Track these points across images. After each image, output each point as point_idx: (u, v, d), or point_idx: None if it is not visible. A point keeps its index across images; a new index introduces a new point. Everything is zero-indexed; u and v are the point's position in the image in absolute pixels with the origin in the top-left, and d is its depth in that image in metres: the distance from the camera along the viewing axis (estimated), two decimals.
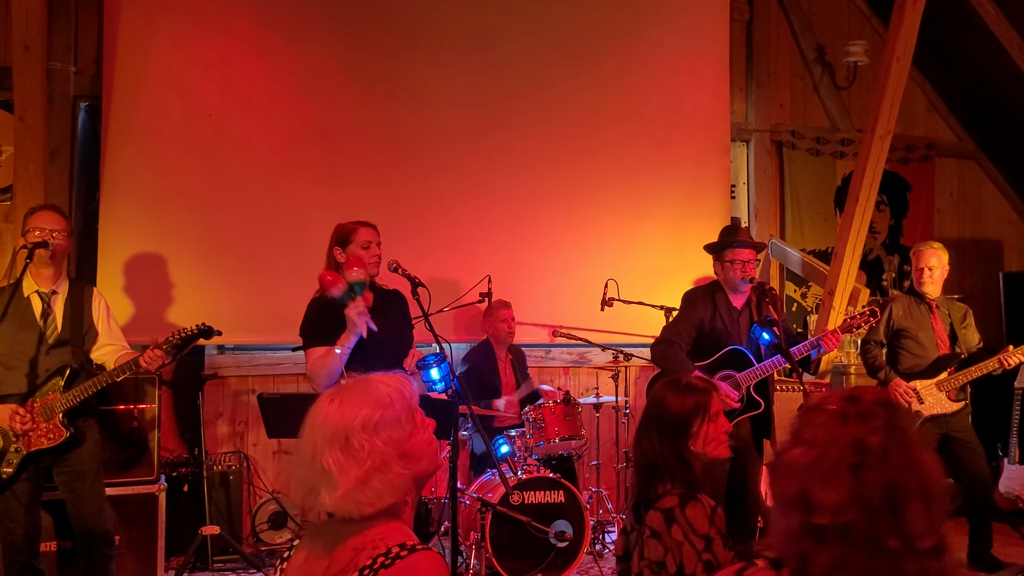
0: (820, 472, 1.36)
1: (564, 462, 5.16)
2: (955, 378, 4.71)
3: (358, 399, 1.57)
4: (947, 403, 4.73)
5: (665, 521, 2.37)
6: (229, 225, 5.38)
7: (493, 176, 5.90)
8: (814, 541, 1.34)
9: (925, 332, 4.81)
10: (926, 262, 4.81)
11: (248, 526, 5.29)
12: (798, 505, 1.36)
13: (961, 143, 7.49)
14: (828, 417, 1.40)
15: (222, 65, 5.38)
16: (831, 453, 1.36)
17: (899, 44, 5.48)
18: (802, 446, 1.39)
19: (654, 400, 2.58)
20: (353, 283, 3.42)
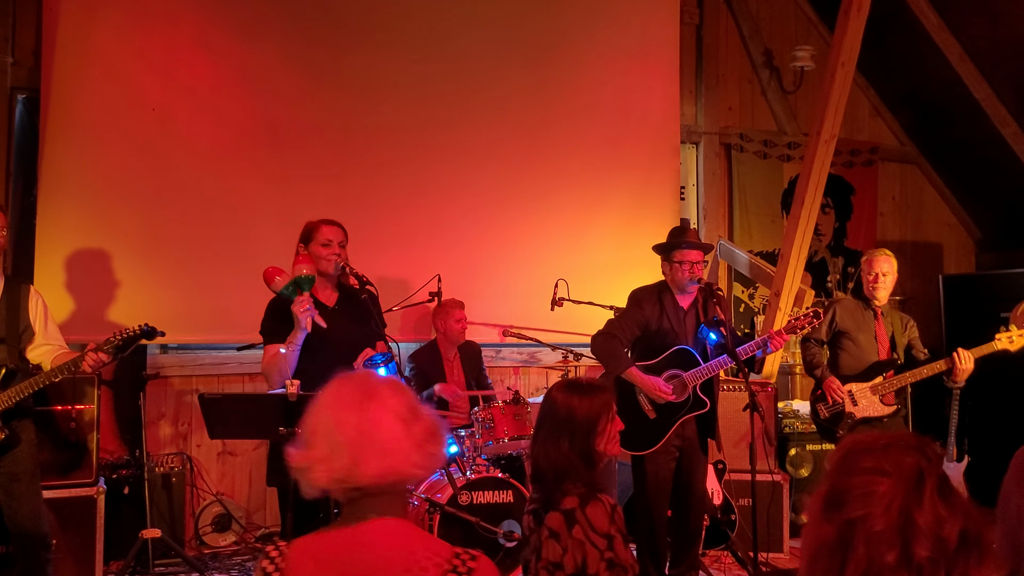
0: (920, 500, 1.34)
1: (513, 462, 5.15)
2: (890, 383, 4.75)
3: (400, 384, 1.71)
4: (880, 407, 4.76)
5: (565, 522, 2.37)
6: (173, 221, 5.27)
7: (443, 175, 5.87)
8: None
9: (866, 336, 4.84)
10: (880, 268, 4.83)
11: (191, 529, 5.18)
12: (898, 534, 1.33)
13: (903, 148, 7.66)
14: (901, 448, 1.38)
15: (166, 58, 5.27)
16: (927, 481, 1.35)
17: (844, 50, 5.58)
18: (889, 477, 1.36)
19: (559, 405, 2.55)
20: (299, 278, 3.39)
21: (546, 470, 2.49)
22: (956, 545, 1.30)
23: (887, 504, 1.32)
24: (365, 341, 3.63)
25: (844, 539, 1.34)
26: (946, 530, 1.30)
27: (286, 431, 3.07)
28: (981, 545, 1.33)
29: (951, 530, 1.30)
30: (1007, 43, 6.35)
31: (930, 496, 1.32)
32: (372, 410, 1.61)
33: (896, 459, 1.35)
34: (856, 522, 1.33)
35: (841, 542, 1.34)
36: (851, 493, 1.35)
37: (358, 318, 3.63)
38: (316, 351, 3.41)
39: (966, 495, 4.75)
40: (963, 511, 1.34)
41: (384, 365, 3.51)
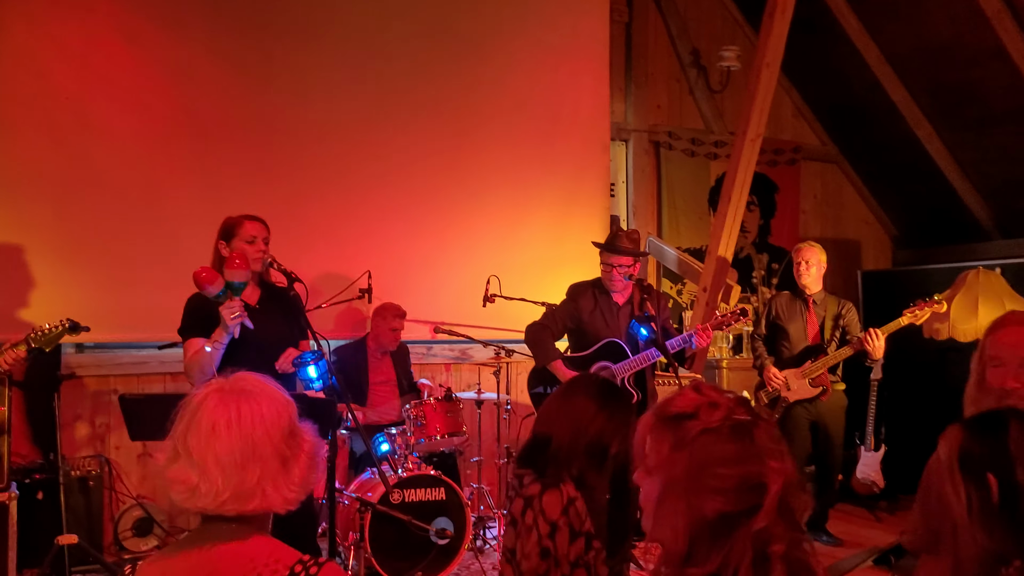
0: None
1: (446, 459, 5.13)
2: (816, 366, 5.14)
3: (281, 395, 1.59)
4: (808, 389, 5.17)
5: (524, 507, 2.36)
6: (90, 215, 5.07)
7: (374, 170, 5.79)
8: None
9: (796, 325, 5.27)
10: (804, 257, 5.28)
11: (110, 534, 5.00)
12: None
13: (825, 147, 7.87)
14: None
15: (82, 47, 5.07)
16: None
17: (769, 51, 5.69)
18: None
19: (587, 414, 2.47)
20: (231, 282, 3.29)
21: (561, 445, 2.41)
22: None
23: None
24: (290, 339, 3.55)
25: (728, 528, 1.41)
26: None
27: None
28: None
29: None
30: (924, 48, 6.58)
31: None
32: (253, 437, 1.50)
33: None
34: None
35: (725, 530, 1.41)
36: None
37: (282, 316, 3.55)
38: (239, 349, 3.32)
39: (882, 484, 4.85)
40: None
41: (314, 363, 3.45)
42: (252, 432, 1.50)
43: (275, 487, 1.51)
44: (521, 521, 2.34)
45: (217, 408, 1.52)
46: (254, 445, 1.50)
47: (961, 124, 6.88)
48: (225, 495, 1.48)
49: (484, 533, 5.16)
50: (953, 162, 7.16)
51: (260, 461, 1.50)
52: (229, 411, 1.51)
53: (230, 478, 1.48)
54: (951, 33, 6.30)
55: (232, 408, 1.51)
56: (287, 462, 1.53)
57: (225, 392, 1.55)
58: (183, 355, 3.43)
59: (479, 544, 4.98)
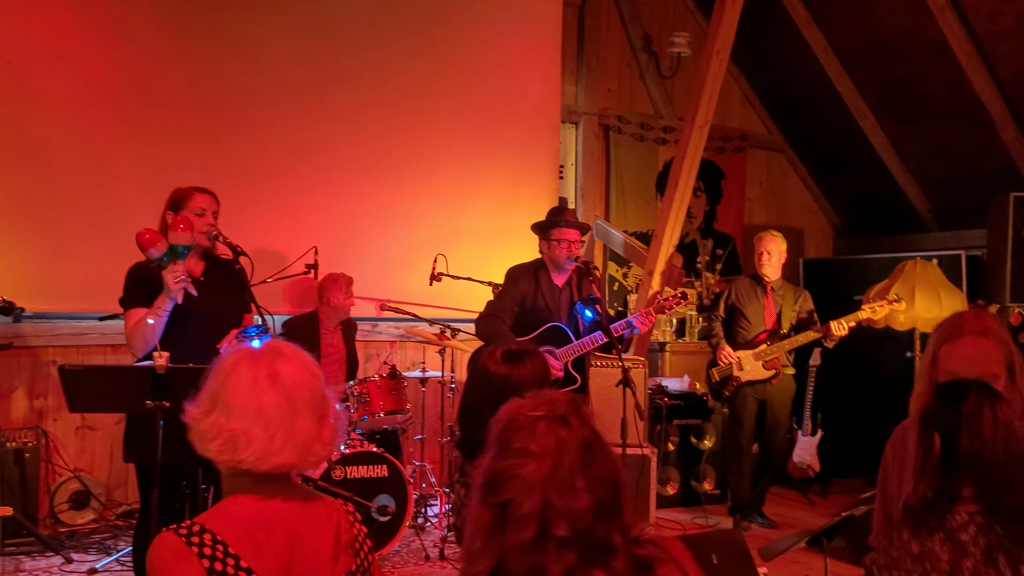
0: (560, 480, 1.36)
1: (388, 436, 5.14)
2: (771, 349, 5.34)
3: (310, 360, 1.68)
4: (761, 371, 5.37)
5: None
6: (29, 182, 4.95)
7: (322, 144, 5.74)
8: (552, 550, 1.34)
9: (754, 308, 5.45)
10: (766, 247, 5.45)
11: (46, 506, 4.94)
12: (537, 519, 1.35)
13: (771, 136, 8.00)
14: (548, 424, 1.40)
15: (22, 7, 4.93)
16: (566, 459, 1.37)
17: (719, 39, 5.76)
18: (533, 458, 1.38)
19: (499, 377, 2.44)
20: (175, 245, 3.24)
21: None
22: (593, 515, 1.36)
23: (529, 486, 1.36)
24: (234, 313, 3.52)
25: (498, 521, 1.38)
26: (580, 503, 1.35)
27: (154, 404, 2.95)
28: (619, 510, 1.39)
29: (583, 504, 1.35)
30: (870, 40, 6.72)
31: (568, 474, 1.36)
32: (295, 392, 1.60)
33: (542, 435, 1.39)
34: (507, 505, 1.37)
35: (496, 524, 1.38)
36: (504, 475, 1.39)
37: (227, 288, 3.52)
38: (182, 322, 3.28)
39: (818, 468, 4.99)
40: (603, 480, 1.38)
41: (259, 337, 3.42)
42: (296, 389, 1.60)
43: (319, 442, 1.62)
44: None
45: (255, 366, 1.60)
46: (297, 401, 1.59)
47: (904, 117, 7.05)
48: (264, 446, 1.55)
49: (425, 511, 5.20)
50: (895, 154, 7.33)
51: (304, 415, 1.59)
52: (269, 367, 1.60)
53: (276, 430, 1.56)
54: (897, 27, 6.44)
55: (270, 366, 1.60)
56: (322, 420, 1.63)
57: (259, 354, 1.63)
58: (124, 325, 3.38)
59: (420, 522, 5.01)
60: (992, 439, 1.79)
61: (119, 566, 4.29)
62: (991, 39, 6.14)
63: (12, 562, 4.33)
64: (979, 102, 6.42)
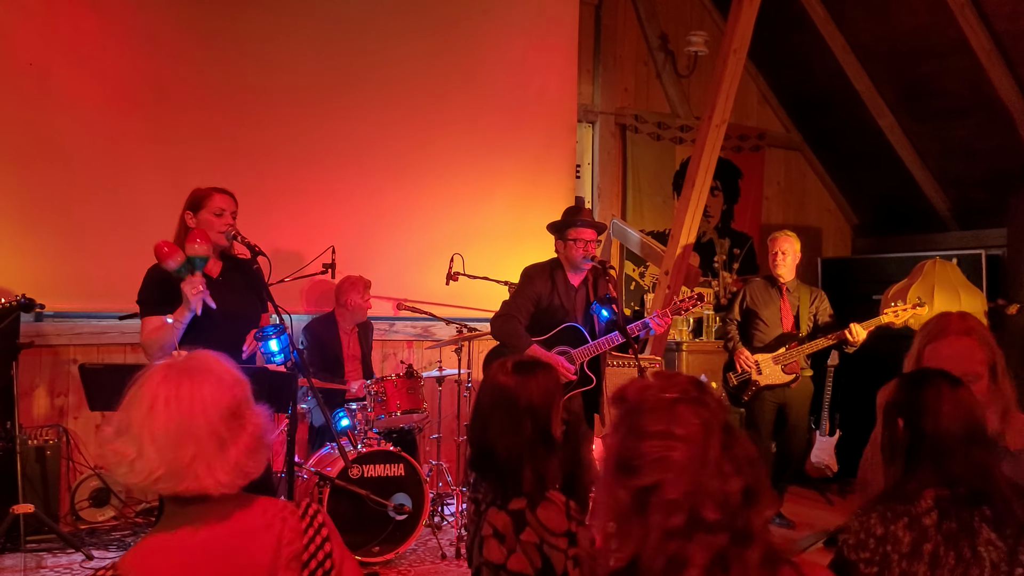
0: (710, 463, 1.34)
1: (405, 435, 5.16)
2: (791, 353, 5.23)
3: (230, 374, 1.59)
4: (781, 375, 5.26)
5: (513, 524, 2.21)
6: (52, 183, 5.01)
7: (339, 145, 5.78)
8: (701, 535, 1.32)
9: (771, 311, 5.34)
10: (780, 247, 5.34)
11: (67, 504, 4.99)
12: (687, 504, 1.33)
13: (789, 135, 7.96)
14: (688, 406, 1.38)
15: (46, 13, 4.98)
16: (713, 441, 1.35)
17: (736, 37, 5.74)
18: (680, 442, 1.35)
19: (511, 389, 2.35)
20: (192, 257, 3.27)
21: (505, 458, 2.29)
22: (740, 500, 1.35)
23: (678, 472, 1.34)
24: (251, 312, 3.55)
25: (640, 505, 1.35)
26: (729, 487, 1.35)
27: None
28: (760, 493, 1.38)
29: (735, 487, 1.35)
30: (888, 38, 6.67)
31: (716, 455, 1.35)
32: (188, 416, 1.49)
33: (684, 418, 1.37)
34: (652, 489, 1.35)
35: (637, 508, 1.36)
36: (644, 459, 1.36)
37: (244, 288, 3.54)
38: (202, 322, 3.30)
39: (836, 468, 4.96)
40: (745, 462, 1.38)
41: (276, 337, 3.45)
42: (189, 411, 1.49)
43: (208, 468, 1.49)
44: (515, 538, 2.20)
45: (159, 385, 1.51)
46: (189, 424, 1.48)
47: (923, 115, 7.00)
48: (159, 472, 1.47)
49: (442, 509, 5.22)
50: (914, 153, 7.28)
51: (194, 441, 1.48)
52: (169, 389, 1.51)
53: (164, 455, 1.47)
54: (916, 25, 6.40)
55: (172, 386, 1.51)
56: (224, 444, 1.51)
57: (171, 370, 1.54)
58: (140, 331, 3.41)
59: (437, 520, 5.03)
60: (950, 423, 1.89)
61: None
62: (1011, 37, 6.09)
63: (34, 559, 4.37)
64: (999, 100, 6.36)
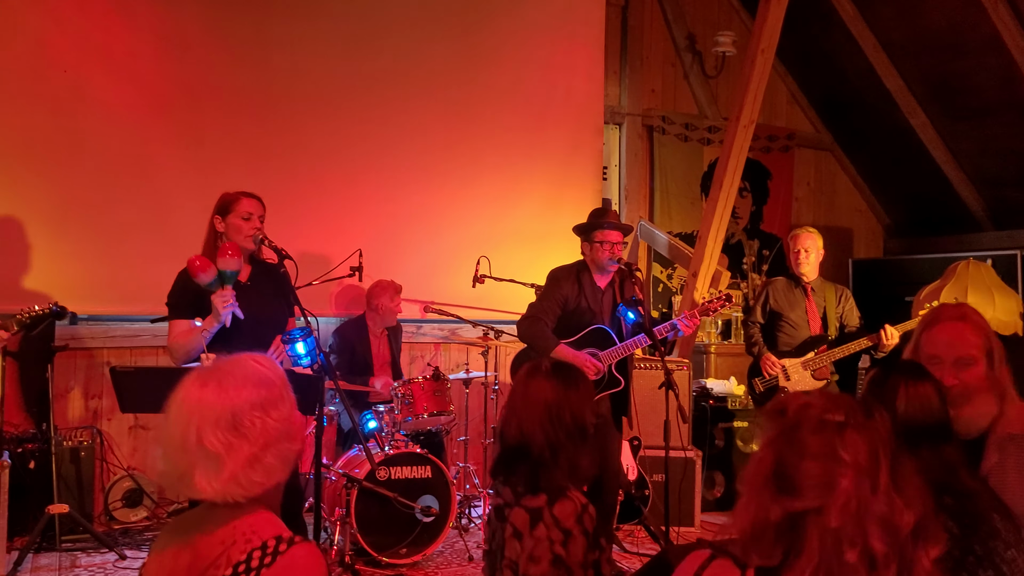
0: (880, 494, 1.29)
1: (432, 437, 5.18)
2: (821, 358, 4.95)
3: (239, 379, 1.53)
4: (811, 381, 4.96)
5: (530, 520, 2.27)
6: (85, 187, 5.10)
7: (365, 148, 5.81)
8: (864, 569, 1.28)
9: (797, 313, 5.04)
10: (802, 244, 5.04)
11: (101, 504, 5.07)
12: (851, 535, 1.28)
13: (819, 135, 7.89)
14: (857, 433, 1.33)
15: (78, 17, 5.07)
16: (883, 470, 1.30)
17: (764, 37, 5.70)
18: (848, 468, 1.30)
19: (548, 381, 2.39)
20: (223, 271, 3.32)
21: (543, 449, 2.32)
22: (908, 534, 1.29)
23: (845, 500, 1.27)
24: (279, 316, 3.58)
25: (794, 526, 1.30)
26: (900, 520, 1.29)
27: None
28: (930, 529, 1.32)
29: (905, 520, 1.29)
30: (919, 36, 6.59)
31: (886, 485, 1.29)
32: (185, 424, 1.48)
33: (853, 444, 1.30)
34: (810, 513, 1.29)
35: (790, 528, 1.30)
36: (806, 480, 1.30)
37: (272, 292, 3.58)
38: (233, 328, 3.35)
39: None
40: (916, 496, 1.31)
41: (303, 339, 3.48)
42: (187, 419, 1.49)
43: (205, 478, 1.47)
44: (529, 534, 2.25)
45: (179, 391, 1.53)
46: (183, 436, 1.48)
47: (956, 114, 6.90)
48: (172, 478, 1.50)
49: (469, 512, 5.22)
50: (947, 152, 7.18)
51: (187, 451, 1.48)
52: (180, 395, 1.52)
53: (167, 463, 1.50)
54: (947, 22, 6.31)
55: (183, 392, 1.52)
56: (218, 457, 1.47)
57: (193, 375, 1.55)
58: (168, 334, 3.45)
59: (464, 522, 5.04)
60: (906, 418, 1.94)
61: None
62: None
63: (68, 558, 4.45)
64: None
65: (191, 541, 1.52)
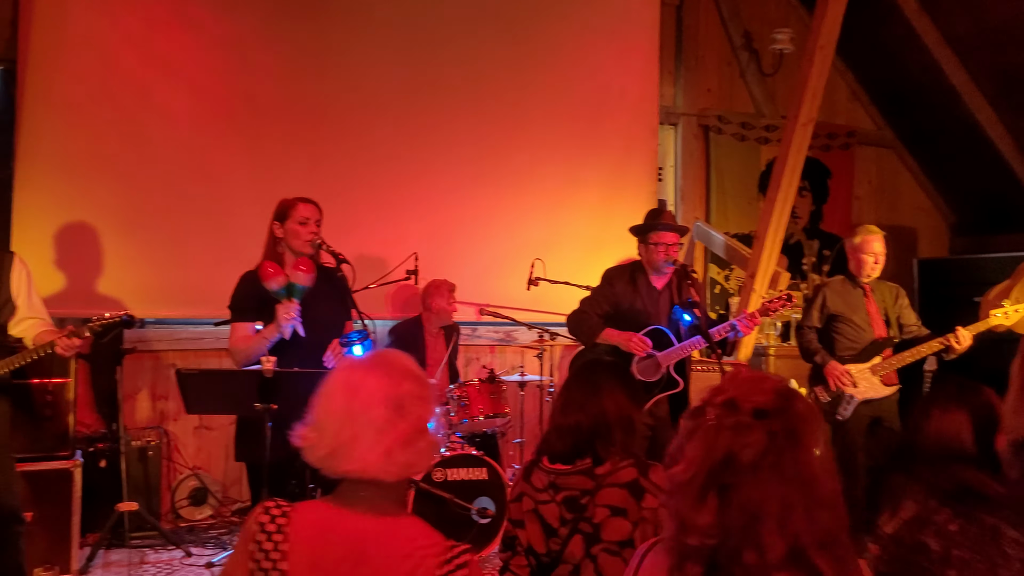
0: (692, 494, 1.37)
1: (488, 440, 5.20)
2: (889, 363, 4.68)
3: (403, 371, 1.70)
4: (881, 388, 4.69)
5: (631, 494, 2.30)
6: (151, 195, 5.26)
7: (421, 153, 5.88)
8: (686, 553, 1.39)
9: (860, 316, 4.76)
10: (875, 251, 4.74)
11: (167, 502, 5.22)
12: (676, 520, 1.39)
13: (880, 132, 7.72)
14: (705, 433, 1.40)
15: (144, 31, 5.23)
16: (701, 475, 1.37)
17: (823, 33, 5.61)
18: (682, 464, 1.40)
19: (612, 360, 2.58)
20: (293, 284, 3.39)
21: (616, 418, 2.41)
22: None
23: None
24: (336, 320, 3.65)
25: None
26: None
27: (261, 406, 3.10)
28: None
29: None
30: (985, 29, 6.41)
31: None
32: (358, 403, 1.63)
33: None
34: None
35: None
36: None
37: (330, 296, 3.64)
38: (288, 338, 3.42)
39: None
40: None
41: (360, 343, 3.54)
42: (352, 397, 1.63)
43: (366, 446, 1.60)
44: (639, 507, 2.28)
45: (337, 375, 1.69)
46: (349, 409, 1.62)
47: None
48: (323, 452, 1.63)
49: None
50: (1015, 147, 6.97)
51: (352, 423, 1.61)
52: (342, 377, 1.67)
53: (329, 437, 1.62)
54: (1014, 13, 6.12)
55: (346, 375, 1.67)
56: (380, 430, 1.61)
57: (351, 364, 1.73)
58: (230, 335, 3.54)
59: None
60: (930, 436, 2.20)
61: None
62: None
63: (137, 554, 4.59)
64: None
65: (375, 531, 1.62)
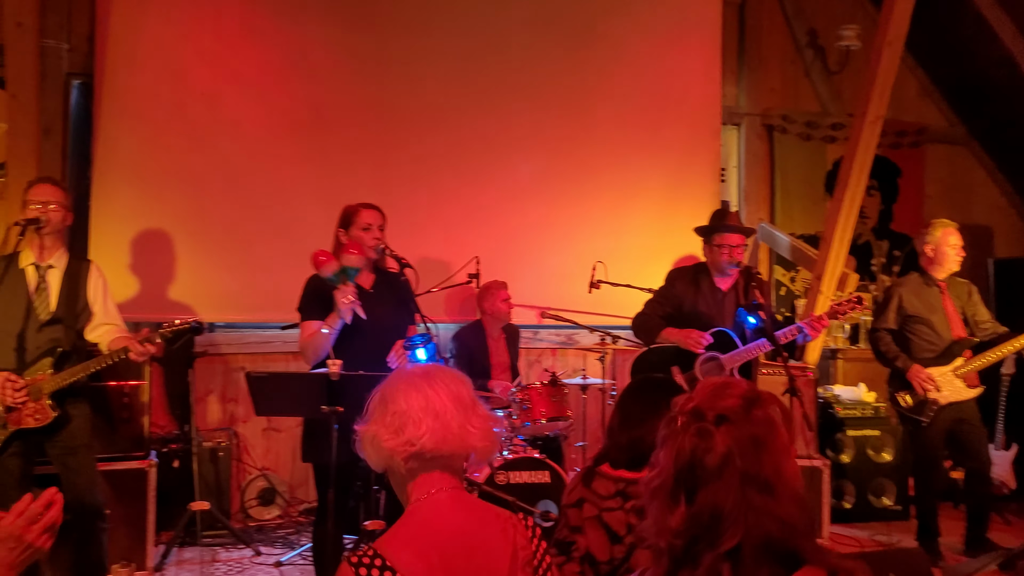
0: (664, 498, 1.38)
1: (550, 443, 5.20)
2: (973, 364, 4.52)
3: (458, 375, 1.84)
4: (964, 390, 4.54)
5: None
6: (220, 203, 5.41)
7: (482, 157, 5.92)
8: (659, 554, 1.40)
9: (938, 316, 4.60)
10: (957, 241, 4.61)
11: (237, 502, 5.34)
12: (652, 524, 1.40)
13: (952, 129, 7.50)
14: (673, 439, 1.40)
15: (213, 44, 5.39)
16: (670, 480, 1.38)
17: (891, 29, 5.48)
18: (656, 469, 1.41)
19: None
20: (346, 267, 3.44)
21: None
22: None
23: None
24: (400, 323, 3.69)
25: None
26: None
27: (328, 409, 3.16)
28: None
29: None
30: None
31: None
32: (436, 391, 1.73)
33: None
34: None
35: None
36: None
37: (395, 301, 3.69)
38: (353, 332, 3.47)
39: (1013, 485, 4.53)
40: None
41: (423, 346, 3.58)
42: (454, 391, 1.75)
43: (473, 432, 1.73)
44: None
45: (408, 377, 1.79)
46: (457, 400, 1.74)
47: None
48: (425, 438, 1.70)
49: None
50: None
51: (462, 410, 1.73)
52: (417, 379, 1.77)
53: (436, 426, 1.70)
54: None
55: (420, 378, 1.77)
56: (463, 424, 1.72)
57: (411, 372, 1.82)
58: (299, 335, 3.62)
59: None
60: None
61: (302, 560, 4.58)
62: None
63: (209, 552, 4.72)
64: None
65: (477, 523, 1.73)
